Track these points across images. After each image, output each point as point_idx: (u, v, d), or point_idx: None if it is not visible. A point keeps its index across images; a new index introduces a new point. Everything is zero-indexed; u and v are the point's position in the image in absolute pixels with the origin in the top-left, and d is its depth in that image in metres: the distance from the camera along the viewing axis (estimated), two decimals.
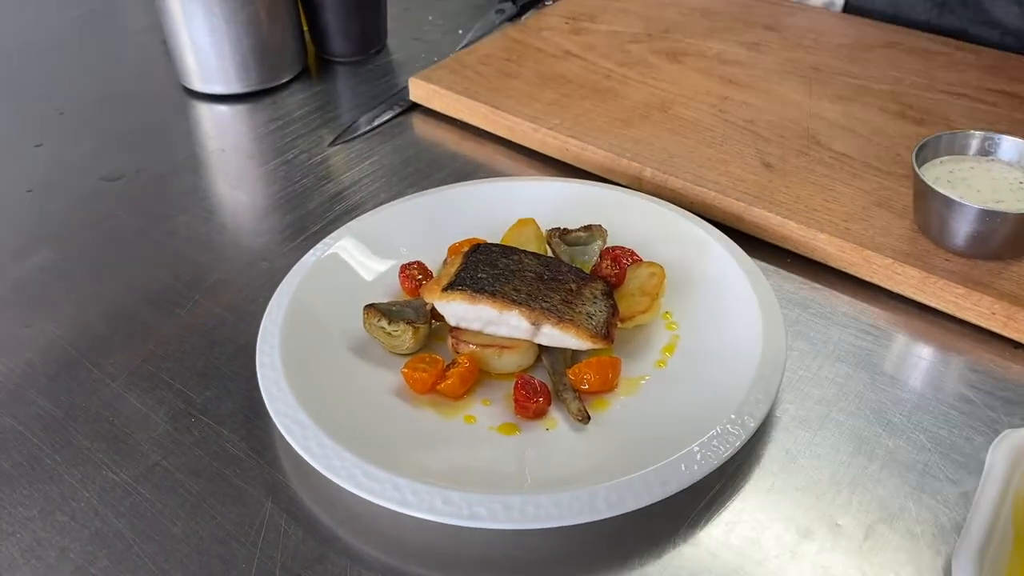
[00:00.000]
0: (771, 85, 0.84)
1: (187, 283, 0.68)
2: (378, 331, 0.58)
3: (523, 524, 0.47)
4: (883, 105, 0.80)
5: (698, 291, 0.62)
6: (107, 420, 0.57)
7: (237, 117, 0.90)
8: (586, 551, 0.49)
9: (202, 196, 0.79)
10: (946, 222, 0.61)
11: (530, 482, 0.51)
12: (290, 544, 0.49)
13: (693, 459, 0.49)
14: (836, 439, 0.54)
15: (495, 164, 0.80)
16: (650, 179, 0.73)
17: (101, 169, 0.82)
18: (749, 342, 0.56)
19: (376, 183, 0.79)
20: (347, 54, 0.98)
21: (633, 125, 0.79)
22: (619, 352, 0.58)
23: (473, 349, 0.57)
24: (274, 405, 0.53)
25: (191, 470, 0.54)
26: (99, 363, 0.61)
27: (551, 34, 0.94)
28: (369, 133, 0.86)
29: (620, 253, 0.63)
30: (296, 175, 0.81)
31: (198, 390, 0.59)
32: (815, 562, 0.47)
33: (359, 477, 0.49)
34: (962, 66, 0.86)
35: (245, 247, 0.73)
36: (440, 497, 0.48)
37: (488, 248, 0.60)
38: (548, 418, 0.55)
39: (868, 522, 0.49)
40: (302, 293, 0.61)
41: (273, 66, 0.92)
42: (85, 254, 0.72)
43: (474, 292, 0.56)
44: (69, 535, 0.50)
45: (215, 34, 0.88)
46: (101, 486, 0.53)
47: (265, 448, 0.55)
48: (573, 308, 0.57)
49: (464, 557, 0.49)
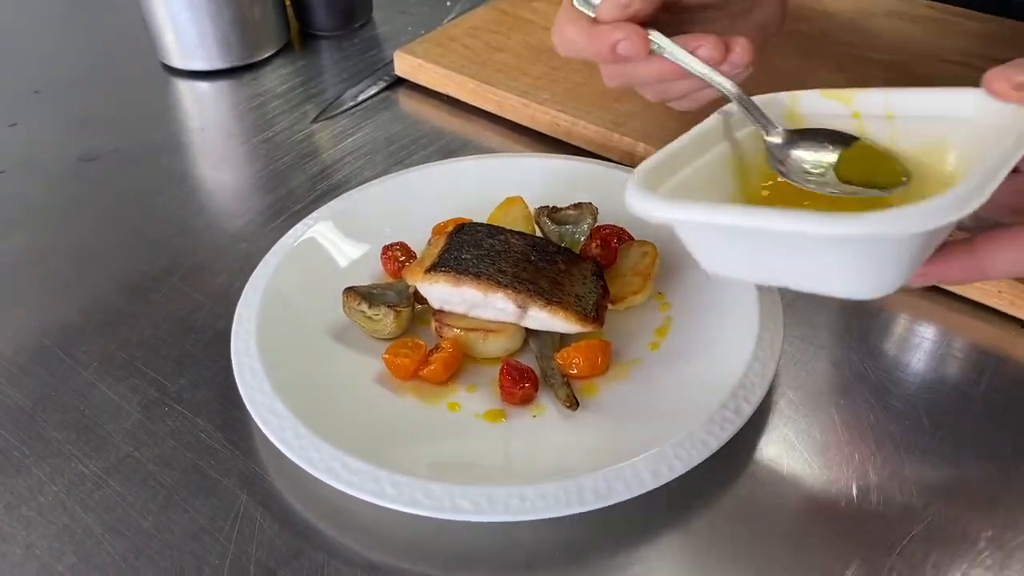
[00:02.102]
0: (769, 56, 0.81)
1: (163, 267, 0.66)
2: (358, 315, 0.56)
3: (508, 516, 0.45)
4: (885, 75, 0.77)
5: (692, 271, 0.59)
6: (78, 410, 0.55)
7: (218, 94, 0.88)
8: (575, 543, 0.47)
9: (181, 176, 0.76)
10: None
11: (515, 472, 0.49)
12: (265, 538, 0.47)
13: (685, 447, 0.47)
14: (835, 423, 0.52)
15: (483, 140, 0.78)
16: (643, 155, 0.71)
17: (77, 149, 0.80)
18: (745, 324, 0.54)
19: (360, 160, 0.76)
20: (331, 28, 0.95)
21: (626, 99, 0.76)
22: (609, 335, 0.56)
23: (457, 333, 0.55)
24: (249, 393, 0.51)
25: (164, 461, 0.52)
26: (70, 351, 0.59)
27: (541, 5, 0.91)
28: (354, 109, 0.83)
29: (611, 232, 0.61)
30: (278, 153, 0.78)
31: (173, 378, 0.57)
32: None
33: (337, 469, 0.47)
34: (967, 35, 0.83)
35: (224, 229, 0.70)
36: (421, 490, 0.46)
37: (473, 228, 0.58)
38: (535, 404, 0.53)
39: (868, 509, 0.47)
40: (280, 276, 0.59)
41: (255, 41, 0.90)
42: (59, 237, 0.70)
43: (458, 274, 0.54)
44: (35, 531, 0.48)
45: (195, 9, 0.85)
46: (70, 479, 0.51)
47: (241, 439, 0.53)
48: (561, 290, 0.54)
49: (448, 551, 0.47)
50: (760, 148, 0.48)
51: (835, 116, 0.48)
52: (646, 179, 0.43)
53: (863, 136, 0.47)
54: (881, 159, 0.46)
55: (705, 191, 0.46)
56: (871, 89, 0.47)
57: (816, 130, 0.48)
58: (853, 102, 0.47)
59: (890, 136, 0.46)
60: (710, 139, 0.48)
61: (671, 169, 0.45)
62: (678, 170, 0.45)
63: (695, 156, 0.46)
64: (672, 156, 0.45)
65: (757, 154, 0.48)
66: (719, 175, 0.47)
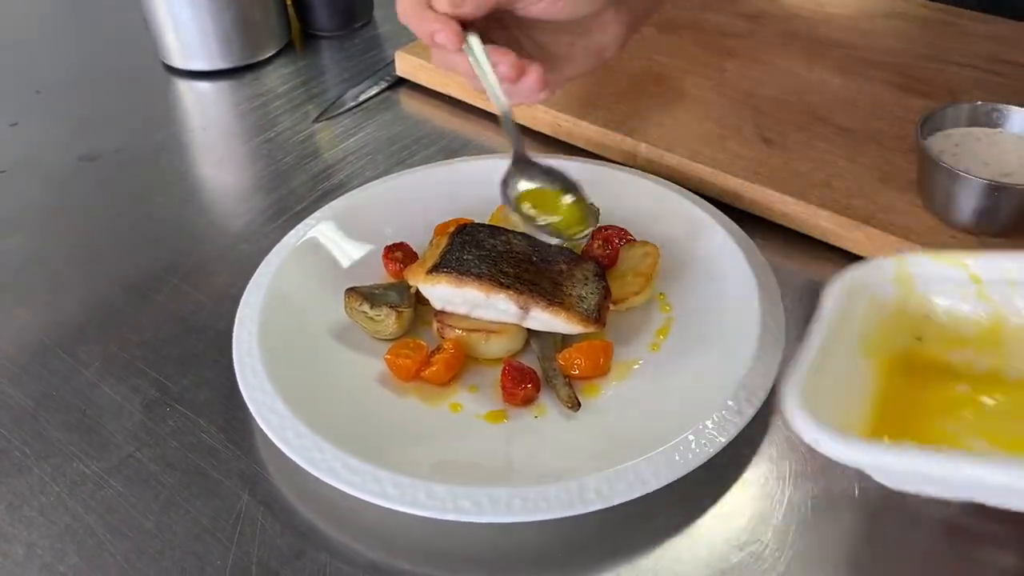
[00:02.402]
0: (771, 57, 0.81)
1: (165, 267, 0.66)
2: (360, 315, 0.56)
3: (509, 517, 0.45)
4: (886, 77, 0.77)
5: (694, 271, 0.60)
6: (79, 410, 0.55)
7: (219, 94, 0.88)
8: (576, 543, 0.47)
9: (182, 176, 0.76)
10: (952, 197, 0.59)
11: (517, 473, 0.49)
12: (267, 539, 0.47)
13: (688, 448, 0.47)
14: None
15: (484, 140, 0.78)
16: (645, 155, 0.70)
17: (78, 149, 0.80)
18: (746, 324, 0.54)
19: (361, 160, 0.76)
20: (332, 28, 0.95)
21: (628, 99, 0.76)
22: (611, 336, 0.56)
23: (459, 334, 0.55)
24: (251, 393, 0.51)
25: (166, 462, 0.51)
26: (72, 351, 0.59)
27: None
28: (355, 109, 0.83)
29: (612, 233, 0.61)
30: (279, 153, 0.78)
31: (174, 378, 0.57)
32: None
33: (339, 469, 0.47)
34: (968, 36, 0.83)
35: (226, 229, 0.70)
36: (423, 490, 0.46)
37: (475, 228, 0.58)
38: (537, 405, 0.52)
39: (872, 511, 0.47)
40: (281, 277, 0.59)
41: (256, 41, 0.90)
42: (60, 237, 0.70)
43: (460, 275, 0.54)
44: (37, 531, 0.48)
45: (196, 8, 0.85)
46: (72, 479, 0.51)
47: (243, 439, 0.53)
48: (563, 291, 0.54)
49: (450, 551, 0.47)
50: (881, 318, 0.48)
51: (952, 280, 0.48)
52: (803, 394, 0.41)
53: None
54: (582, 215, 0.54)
55: (850, 371, 0.45)
56: (990, 253, 0.47)
57: (553, 173, 0.55)
58: (971, 266, 0.47)
59: (1019, 304, 0.46)
60: (843, 316, 0.46)
61: (817, 383, 0.42)
62: (824, 381, 0.43)
63: (835, 341, 0.45)
64: (814, 364, 0.43)
65: (881, 326, 0.48)
66: (856, 350, 0.47)
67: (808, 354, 0.44)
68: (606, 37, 0.59)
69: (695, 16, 0.88)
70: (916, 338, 0.49)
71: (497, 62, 0.53)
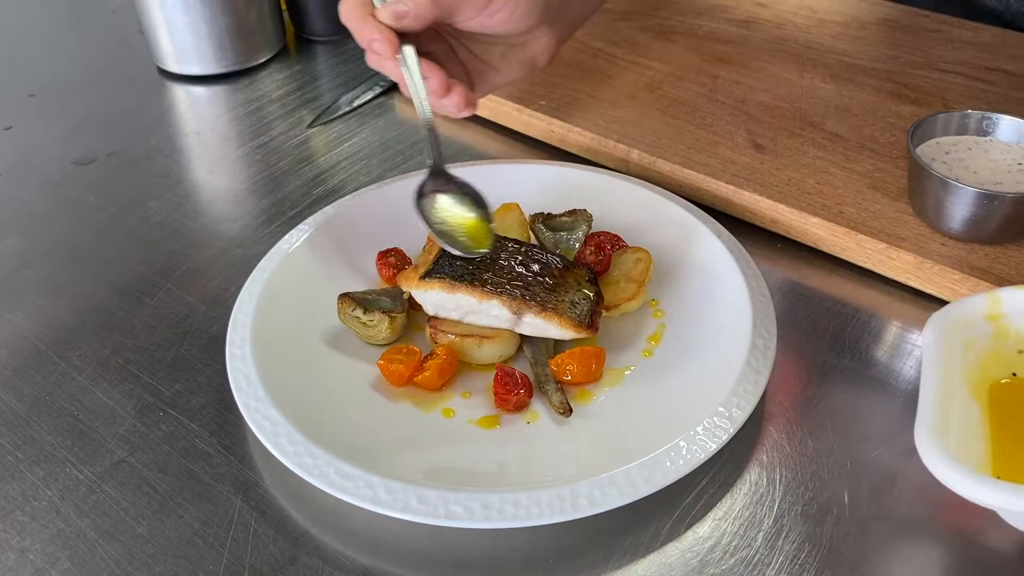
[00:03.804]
0: (762, 64, 0.82)
1: (159, 271, 0.66)
2: (353, 321, 0.56)
3: (501, 523, 0.45)
4: (877, 84, 0.78)
5: (686, 277, 0.60)
6: (72, 415, 0.55)
7: (213, 99, 0.88)
8: (568, 550, 0.47)
9: (176, 180, 0.76)
10: (942, 205, 0.59)
11: (509, 479, 0.49)
12: (260, 544, 0.47)
13: (679, 453, 0.47)
14: (828, 430, 0.52)
15: (478, 147, 0.78)
16: (637, 161, 0.71)
17: (72, 153, 0.80)
18: (738, 330, 0.54)
19: (356, 166, 0.76)
20: (327, 33, 0.95)
21: (620, 106, 0.76)
22: (603, 342, 0.56)
23: (452, 339, 0.55)
24: (244, 399, 0.51)
25: (158, 467, 0.52)
26: (65, 355, 0.59)
27: None
28: (349, 114, 0.83)
29: (605, 239, 0.61)
30: (274, 158, 0.78)
31: (167, 383, 0.57)
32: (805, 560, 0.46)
33: (331, 475, 0.47)
34: (959, 44, 0.83)
35: (219, 233, 0.70)
36: (415, 496, 0.46)
37: None
38: (529, 411, 0.53)
39: (863, 517, 0.47)
40: (275, 282, 0.59)
41: (250, 46, 0.90)
42: (54, 241, 0.70)
43: (453, 280, 0.54)
44: (29, 536, 0.48)
45: (190, 13, 0.85)
46: (64, 484, 0.51)
47: (236, 444, 0.53)
48: (556, 296, 0.55)
49: (442, 557, 0.47)
50: (979, 356, 0.49)
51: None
52: (937, 440, 0.42)
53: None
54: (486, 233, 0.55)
55: (963, 410, 0.46)
56: None
57: (465, 188, 0.57)
58: None
59: None
60: (945, 358, 0.47)
61: (943, 425, 0.43)
62: (947, 419, 0.44)
63: (948, 384, 0.46)
64: (935, 406, 0.44)
65: (979, 364, 0.49)
66: (962, 388, 0.47)
67: (927, 397, 0.44)
68: (537, 49, 0.63)
69: (688, 23, 0.89)
70: (1012, 373, 0.49)
71: (427, 76, 0.57)
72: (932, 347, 0.47)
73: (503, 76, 0.63)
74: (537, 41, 0.62)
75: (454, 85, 0.57)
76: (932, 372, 0.46)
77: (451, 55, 0.62)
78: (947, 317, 0.49)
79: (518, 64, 0.63)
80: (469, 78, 0.62)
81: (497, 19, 0.57)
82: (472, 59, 0.62)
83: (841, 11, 0.90)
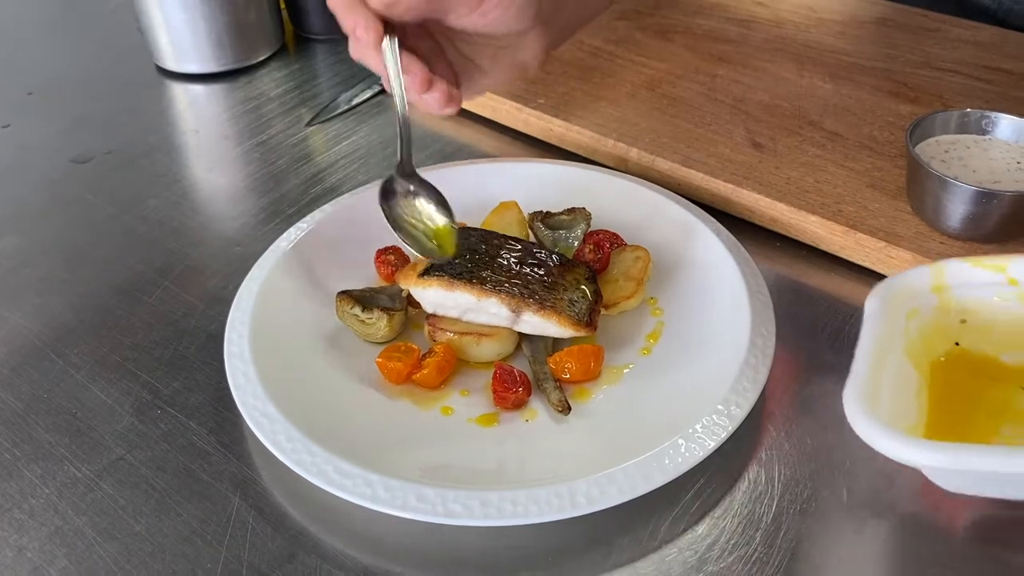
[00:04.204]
0: (761, 63, 0.82)
1: (157, 269, 0.66)
2: (351, 319, 0.56)
3: (500, 521, 0.45)
4: (876, 83, 0.78)
5: (684, 276, 0.60)
6: (70, 412, 0.55)
7: (212, 97, 0.88)
8: (567, 547, 0.47)
9: (174, 179, 0.76)
10: (941, 203, 0.59)
11: (508, 477, 0.49)
12: (258, 542, 0.47)
13: (678, 451, 0.47)
14: (827, 428, 0.52)
15: (477, 145, 0.78)
16: (636, 160, 0.71)
17: (70, 151, 0.80)
18: (737, 328, 0.54)
19: (354, 164, 0.76)
20: (326, 31, 0.95)
21: (619, 104, 0.76)
22: (602, 340, 0.56)
23: (451, 337, 0.55)
24: (242, 397, 0.51)
25: (156, 465, 0.51)
26: (63, 353, 0.59)
27: None
28: (348, 113, 0.83)
29: (604, 237, 0.61)
30: (272, 156, 0.78)
31: (166, 381, 0.57)
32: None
33: (330, 473, 0.47)
34: (958, 43, 0.83)
35: (218, 231, 0.70)
36: (414, 493, 0.46)
37: (467, 232, 0.58)
38: (528, 409, 0.53)
39: (861, 516, 0.47)
40: (273, 280, 0.59)
41: (249, 44, 0.90)
42: (52, 239, 0.70)
43: (452, 278, 0.54)
44: (27, 533, 0.48)
45: (189, 11, 0.85)
46: (62, 482, 0.51)
47: (234, 442, 0.53)
48: (555, 294, 0.54)
49: (441, 554, 0.47)
50: (922, 326, 0.49)
51: (990, 284, 0.49)
52: (862, 400, 0.43)
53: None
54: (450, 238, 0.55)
55: (900, 378, 0.47)
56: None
57: (432, 190, 0.57)
58: (1008, 269, 0.48)
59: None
60: (886, 325, 0.47)
61: (873, 388, 0.44)
62: (879, 389, 0.45)
63: (883, 351, 0.46)
64: (868, 372, 0.45)
65: (922, 333, 0.50)
66: (901, 357, 0.48)
67: (860, 364, 0.45)
68: (527, 54, 0.61)
69: (687, 22, 0.89)
70: (955, 343, 0.50)
71: (408, 70, 0.55)
72: (873, 315, 0.48)
73: (491, 79, 0.62)
74: (528, 45, 0.60)
75: (436, 81, 0.56)
76: (869, 338, 0.46)
77: (439, 53, 0.60)
78: (892, 287, 0.49)
79: (507, 67, 0.61)
80: (456, 79, 0.61)
81: (490, 19, 0.56)
82: (461, 59, 0.61)
83: (840, 10, 0.90)
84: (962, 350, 0.50)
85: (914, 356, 0.48)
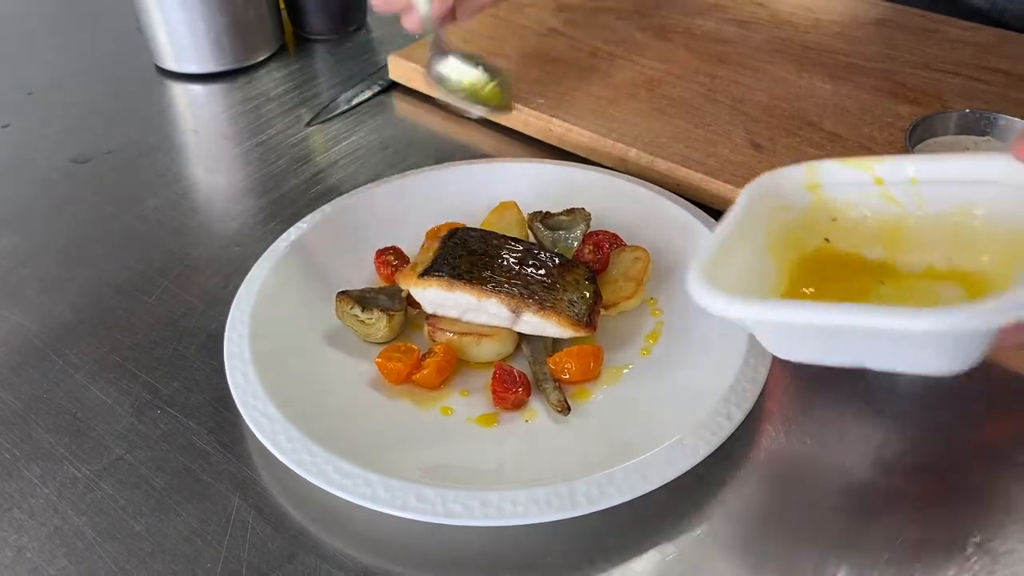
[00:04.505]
0: (761, 63, 0.82)
1: (157, 269, 0.66)
2: (351, 319, 0.56)
3: (500, 521, 0.45)
4: (875, 84, 0.78)
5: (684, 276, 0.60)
6: (70, 412, 0.55)
7: (211, 97, 0.88)
8: (567, 547, 0.47)
9: (174, 179, 0.76)
10: None
11: (508, 477, 0.49)
12: (258, 542, 0.47)
13: (677, 452, 0.47)
14: (825, 428, 0.52)
15: (476, 145, 0.78)
16: (635, 160, 0.71)
17: (70, 151, 0.80)
18: (736, 329, 0.54)
19: (354, 164, 0.76)
20: (325, 31, 0.95)
21: (619, 104, 0.76)
22: (602, 340, 0.56)
23: (451, 337, 0.55)
24: (242, 397, 0.51)
25: (156, 465, 0.51)
26: (63, 353, 0.59)
27: (535, 11, 0.91)
28: (348, 113, 0.83)
29: (603, 237, 0.61)
30: (272, 156, 0.78)
31: (165, 381, 0.57)
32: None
33: (330, 473, 0.47)
34: (956, 44, 0.84)
35: (217, 232, 0.70)
36: (414, 493, 0.46)
37: (467, 233, 0.58)
38: (527, 409, 0.53)
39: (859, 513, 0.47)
40: (273, 280, 0.59)
41: (249, 44, 0.90)
42: (52, 239, 0.70)
43: (451, 278, 0.54)
44: (27, 533, 0.48)
45: (189, 11, 0.85)
46: (61, 482, 0.51)
47: (234, 442, 0.53)
48: (554, 295, 0.55)
49: (441, 555, 0.47)
50: (790, 221, 0.50)
51: (858, 184, 0.49)
52: (705, 272, 0.44)
53: None
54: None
55: (756, 268, 0.48)
56: (894, 157, 0.49)
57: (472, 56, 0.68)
58: (876, 169, 0.49)
59: (917, 201, 0.48)
60: (751, 216, 0.48)
61: (721, 270, 0.45)
62: (730, 254, 0.46)
63: (741, 237, 0.47)
64: (722, 242, 0.46)
65: (790, 228, 0.50)
66: (762, 250, 0.49)
67: (715, 241, 0.46)
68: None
69: (687, 22, 0.89)
70: (825, 239, 0.50)
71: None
72: (741, 203, 0.48)
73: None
74: None
75: None
76: (730, 223, 0.47)
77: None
78: (765, 183, 0.50)
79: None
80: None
81: None
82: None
83: (839, 11, 0.90)
84: (831, 247, 0.50)
85: (776, 251, 0.49)
